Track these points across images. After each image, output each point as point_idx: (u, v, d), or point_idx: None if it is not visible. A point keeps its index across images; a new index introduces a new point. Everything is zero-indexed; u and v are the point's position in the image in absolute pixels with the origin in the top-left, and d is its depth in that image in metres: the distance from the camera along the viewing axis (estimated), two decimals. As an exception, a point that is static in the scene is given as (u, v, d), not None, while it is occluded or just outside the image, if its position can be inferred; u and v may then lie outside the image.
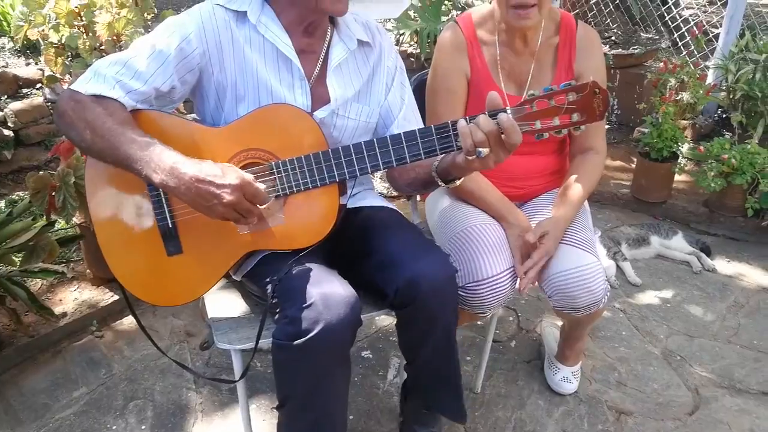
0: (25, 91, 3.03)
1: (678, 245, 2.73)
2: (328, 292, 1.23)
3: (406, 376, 1.62)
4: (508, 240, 1.60)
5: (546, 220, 1.60)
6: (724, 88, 3.35)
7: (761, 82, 3.10)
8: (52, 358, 2.07)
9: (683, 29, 3.90)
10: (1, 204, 2.64)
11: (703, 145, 2.90)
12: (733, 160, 2.72)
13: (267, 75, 1.35)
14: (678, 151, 3.00)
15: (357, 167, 1.29)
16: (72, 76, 2.38)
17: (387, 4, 3.24)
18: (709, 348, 2.18)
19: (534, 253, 1.54)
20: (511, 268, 1.56)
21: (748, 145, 2.82)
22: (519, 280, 1.56)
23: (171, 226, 1.29)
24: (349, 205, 1.42)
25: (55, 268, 2.22)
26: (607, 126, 3.33)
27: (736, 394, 1.97)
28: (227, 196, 1.14)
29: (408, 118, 1.52)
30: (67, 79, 2.44)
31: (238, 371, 1.43)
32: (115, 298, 2.25)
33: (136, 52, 1.27)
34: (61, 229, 2.36)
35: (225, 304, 1.53)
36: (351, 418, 1.83)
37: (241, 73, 1.35)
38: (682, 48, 3.88)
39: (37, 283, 2.29)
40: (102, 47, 2.36)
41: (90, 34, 2.35)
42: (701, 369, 2.08)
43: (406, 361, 1.55)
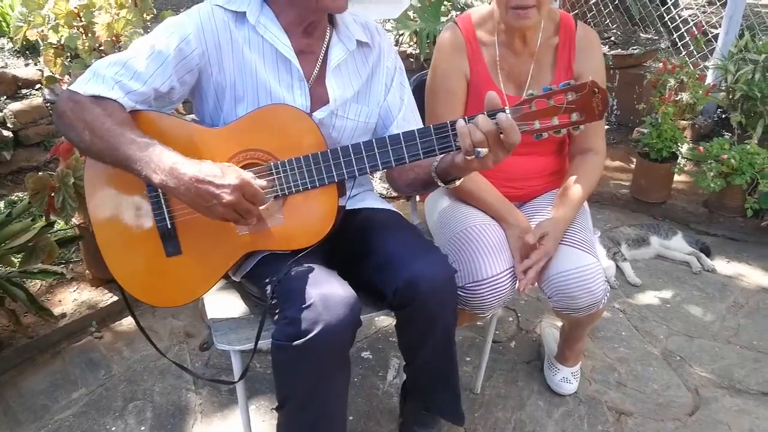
0: (24, 91, 3.03)
1: (677, 245, 2.73)
2: (328, 292, 1.23)
3: (405, 377, 1.62)
4: (507, 240, 1.60)
5: (546, 220, 1.60)
6: (724, 88, 3.35)
7: (760, 82, 3.10)
8: (51, 359, 2.06)
9: (682, 29, 3.91)
10: (1, 205, 2.63)
11: (703, 145, 2.90)
12: (732, 161, 2.72)
13: (266, 76, 1.35)
14: (677, 152, 3.00)
15: (356, 168, 1.29)
16: (71, 76, 2.38)
17: (386, 5, 3.23)
18: (708, 348, 2.18)
19: (533, 253, 1.54)
20: (511, 269, 1.56)
21: (748, 146, 2.82)
22: (518, 280, 1.56)
23: (170, 226, 1.29)
24: (348, 207, 1.42)
25: (55, 269, 2.22)
26: (606, 126, 3.33)
27: (735, 395, 1.97)
28: (227, 197, 1.14)
29: (407, 119, 1.52)
30: (67, 80, 2.44)
31: (237, 372, 1.42)
32: (115, 299, 2.25)
33: (135, 53, 1.27)
34: (61, 230, 2.35)
35: (224, 304, 1.53)
36: (351, 418, 1.82)
37: (240, 73, 1.35)
38: (682, 48, 3.89)
39: (36, 284, 2.29)
40: (101, 48, 2.36)
41: (89, 35, 2.35)
42: (701, 369, 2.08)
43: (405, 361, 1.55)
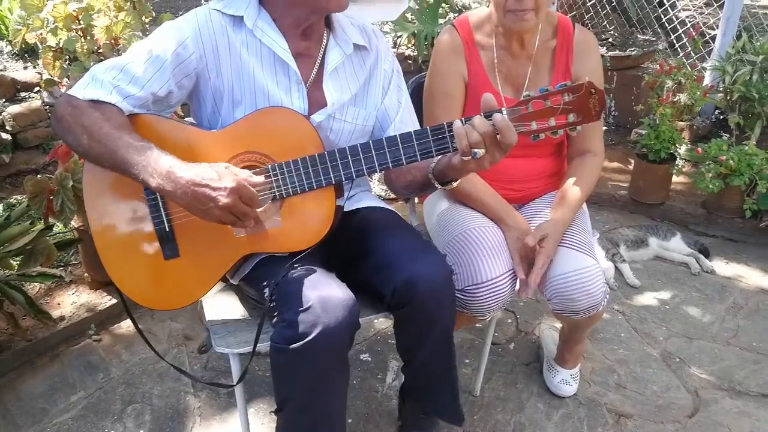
0: (23, 94, 3.03)
1: (676, 247, 2.73)
2: (326, 295, 1.23)
3: (404, 379, 1.62)
4: (506, 243, 1.60)
5: (545, 222, 1.60)
6: (721, 89, 3.36)
7: (758, 83, 3.10)
8: (49, 362, 2.06)
9: (680, 31, 3.91)
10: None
11: (701, 146, 2.90)
12: (730, 162, 2.72)
13: (264, 79, 1.35)
14: (675, 153, 3.00)
15: (353, 169, 1.29)
16: (70, 79, 2.38)
17: (384, 7, 3.23)
18: (708, 350, 2.18)
19: (537, 259, 1.54)
20: (511, 271, 1.55)
21: (746, 147, 2.83)
22: (519, 283, 1.56)
23: (168, 229, 1.29)
24: (346, 208, 1.42)
25: (53, 271, 2.22)
26: (604, 128, 3.32)
27: (735, 396, 1.97)
28: (223, 199, 1.14)
29: (405, 121, 1.52)
30: (65, 83, 2.44)
31: (236, 375, 1.42)
32: (113, 301, 2.24)
33: (133, 57, 1.27)
34: (59, 233, 2.35)
35: (223, 307, 1.53)
36: (350, 421, 1.82)
37: (238, 77, 1.35)
38: (679, 50, 3.89)
39: (35, 286, 2.29)
40: (100, 51, 2.36)
41: (88, 38, 2.35)
42: (700, 371, 2.08)
43: (403, 362, 1.54)
